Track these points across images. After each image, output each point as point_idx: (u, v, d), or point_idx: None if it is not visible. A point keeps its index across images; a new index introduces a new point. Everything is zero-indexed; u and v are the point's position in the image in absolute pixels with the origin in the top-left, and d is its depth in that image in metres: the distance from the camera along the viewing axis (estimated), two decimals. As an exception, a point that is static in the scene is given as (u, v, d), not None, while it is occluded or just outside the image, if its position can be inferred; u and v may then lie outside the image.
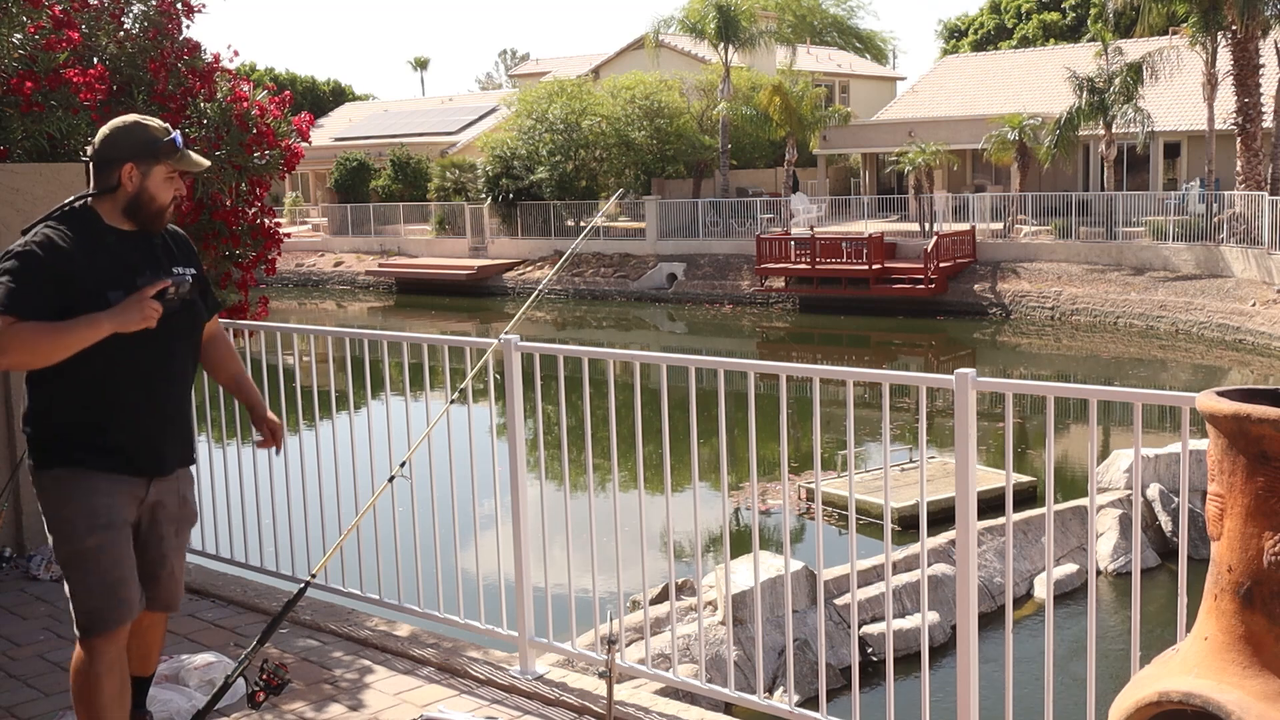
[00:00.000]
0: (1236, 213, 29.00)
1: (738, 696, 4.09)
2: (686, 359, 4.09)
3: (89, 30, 6.21)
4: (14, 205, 5.59)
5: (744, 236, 36.67)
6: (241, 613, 5.13)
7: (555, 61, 57.39)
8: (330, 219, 47.75)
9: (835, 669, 9.64)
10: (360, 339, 5.01)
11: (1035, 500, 14.09)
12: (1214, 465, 2.47)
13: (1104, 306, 29.81)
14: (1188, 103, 36.34)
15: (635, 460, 4.48)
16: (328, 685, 4.38)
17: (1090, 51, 37.16)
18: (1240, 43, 29.66)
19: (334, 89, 68.24)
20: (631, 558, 5.26)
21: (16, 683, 4.42)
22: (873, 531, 12.65)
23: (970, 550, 3.49)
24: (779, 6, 51.21)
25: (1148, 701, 2.45)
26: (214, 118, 6.36)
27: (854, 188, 44.52)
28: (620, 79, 44.30)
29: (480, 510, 4.73)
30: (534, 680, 4.32)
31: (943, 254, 31.94)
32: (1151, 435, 16.53)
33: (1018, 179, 35.87)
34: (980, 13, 60.60)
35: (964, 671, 3.53)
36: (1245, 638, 2.38)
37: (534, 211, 41.81)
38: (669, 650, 5.98)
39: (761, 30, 41.43)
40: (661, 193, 42.99)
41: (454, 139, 52.75)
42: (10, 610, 5.15)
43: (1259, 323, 25.77)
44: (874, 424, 15.64)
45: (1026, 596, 11.87)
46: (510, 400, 4.40)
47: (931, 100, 44.84)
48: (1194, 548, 9.90)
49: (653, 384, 4.31)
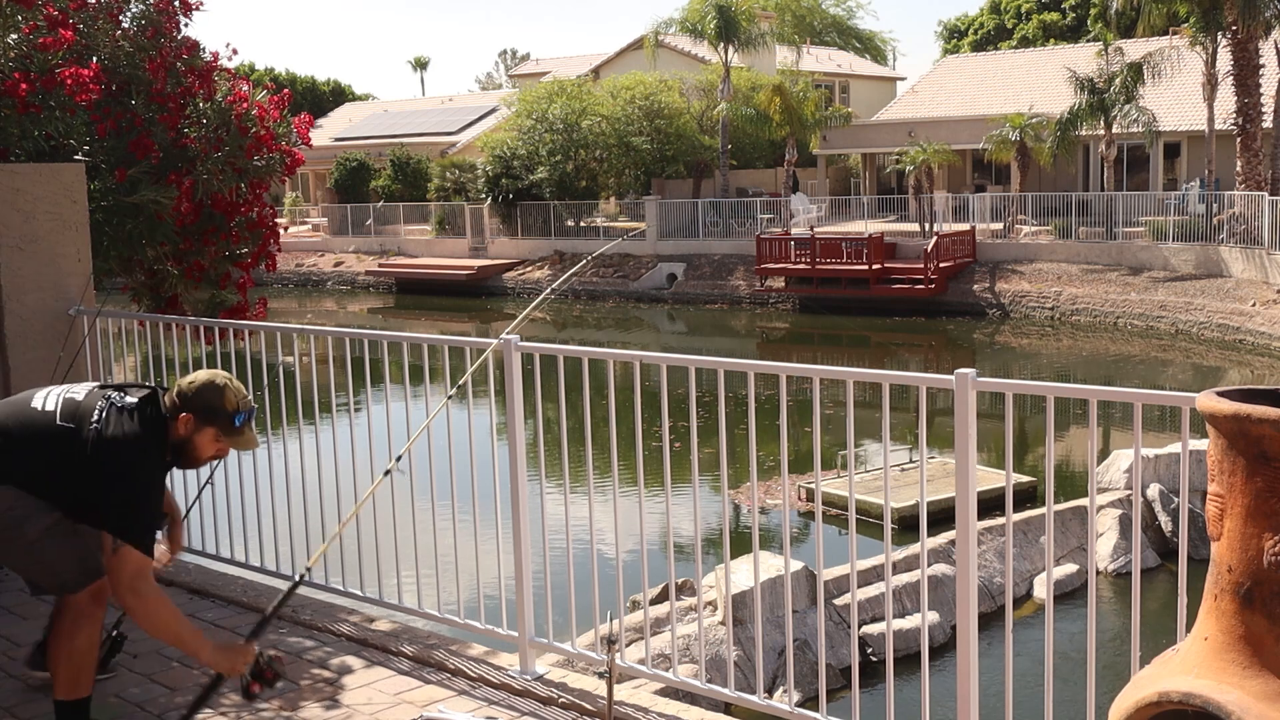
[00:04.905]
0: (1236, 213, 29.00)
1: (737, 697, 4.09)
2: (686, 359, 4.09)
3: (86, 29, 6.19)
4: (14, 205, 5.59)
5: (744, 237, 36.67)
6: (241, 613, 5.13)
7: (555, 61, 57.39)
8: (330, 219, 47.74)
9: (835, 669, 9.64)
10: (360, 339, 5.00)
11: (1035, 500, 14.09)
12: (1214, 465, 2.47)
13: (1104, 306, 29.80)
14: (1188, 103, 36.34)
15: (635, 460, 4.48)
16: (327, 685, 4.38)
17: (1090, 51, 37.17)
18: (1240, 43, 29.66)
19: (334, 89, 68.24)
20: (631, 558, 5.26)
21: (17, 683, 4.42)
22: (873, 531, 12.65)
23: (970, 550, 3.48)
24: (779, 7, 51.20)
25: (1148, 701, 2.45)
26: (213, 118, 6.35)
27: (854, 188, 44.52)
28: (620, 79, 44.30)
29: (480, 510, 4.72)
30: (534, 680, 4.32)
31: (943, 254, 31.94)
32: (1151, 435, 16.53)
33: (1018, 179, 35.87)
34: (980, 13, 60.59)
35: (964, 671, 3.52)
36: (1245, 638, 2.38)
37: (534, 212, 41.80)
38: (669, 650, 5.97)
39: (761, 31, 41.44)
40: (661, 193, 42.99)
41: (454, 139, 52.75)
42: (10, 610, 5.15)
43: (1259, 323, 25.77)
44: (874, 424, 15.63)
45: (1026, 596, 11.87)
46: (510, 400, 4.40)
47: (931, 100, 44.83)
48: (1194, 548, 9.90)
49: (653, 384, 4.31)
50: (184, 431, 3.68)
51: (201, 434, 3.69)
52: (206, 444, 3.72)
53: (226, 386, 3.73)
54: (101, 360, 5.89)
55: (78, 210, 5.77)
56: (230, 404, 3.70)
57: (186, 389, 3.69)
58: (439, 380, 5.26)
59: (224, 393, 3.71)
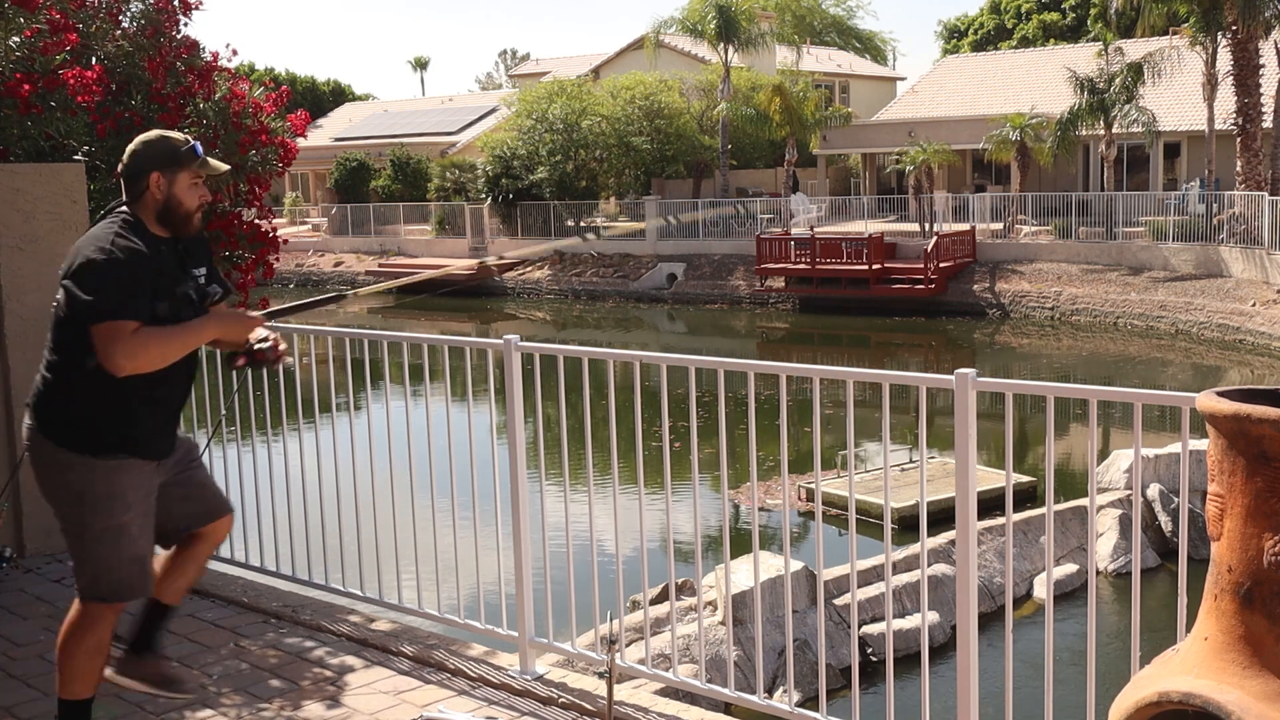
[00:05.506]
0: (1236, 213, 29.00)
1: (737, 696, 4.09)
2: (686, 359, 4.09)
3: (86, 29, 6.18)
4: (14, 205, 5.59)
5: (744, 237, 36.68)
6: (241, 612, 5.13)
7: (555, 61, 57.39)
8: (330, 219, 47.73)
9: (835, 669, 9.64)
10: (360, 339, 5.00)
11: (1035, 500, 14.09)
12: (1214, 465, 2.47)
13: (1104, 306, 29.81)
14: (1188, 103, 36.34)
15: (635, 460, 4.48)
16: (328, 685, 4.38)
17: (1090, 51, 37.17)
18: (1240, 43, 29.65)
19: (334, 89, 68.25)
20: (631, 558, 5.26)
21: (16, 683, 4.42)
22: (873, 531, 12.64)
23: (970, 550, 3.48)
24: (779, 7, 51.21)
25: (1148, 701, 2.45)
26: (212, 118, 6.34)
27: (854, 188, 44.52)
28: (620, 79, 44.31)
29: (480, 510, 4.72)
30: (534, 680, 4.32)
31: (942, 254, 31.93)
32: (1151, 435, 16.53)
33: (1018, 179, 35.88)
34: (980, 13, 60.59)
35: (964, 671, 3.52)
36: (1245, 638, 2.38)
37: (534, 212, 41.80)
38: (669, 650, 5.98)
39: (761, 31, 41.44)
40: (661, 193, 43.01)
41: (454, 139, 52.74)
42: (10, 610, 5.15)
43: (1259, 323, 25.77)
44: (874, 424, 15.64)
45: (1026, 596, 11.87)
46: (510, 400, 4.40)
47: (931, 100, 44.84)
48: (1194, 548, 9.90)
49: (653, 384, 4.31)
50: (160, 194, 3.62)
51: (176, 183, 3.63)
52: (185, 192, 3.65)
53: (163, 134, 3.70)
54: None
55: (78, 210, 5.78)
56: (179, 141, 3.66)
57: (131, 159, 3.64)
58: (439, 377, 5.26)
59: (167, 138, 3.67)
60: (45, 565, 5.70)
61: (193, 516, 3.87)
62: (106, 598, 3.64)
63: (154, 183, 3.61)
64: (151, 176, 3.61)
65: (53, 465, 3.63)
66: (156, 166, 3.61)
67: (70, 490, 3.61)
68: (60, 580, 5.52)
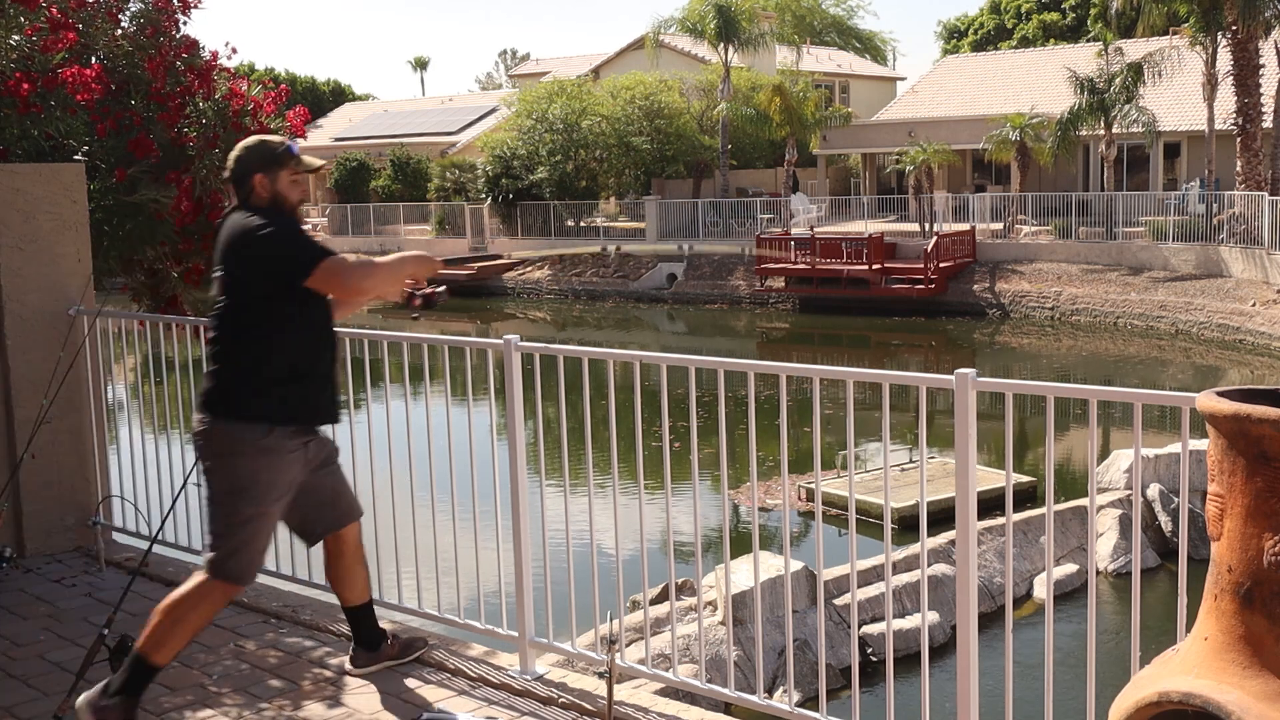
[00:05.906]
0: (1236, 213, 29.00)
1: (737, 696, 4.08)
2: (686, 359, 4.09)
3: (85, 29, 6.18)
4: (14, 205, 5.59)
5: (744, 237, 36.67)
6: (241, 612, 5.13)
7: (555, 61, 57.39)
8: (330, 219, 47.70)
9: (835, 669, 9.64)
10: (360, 339, 5.00)
11: (1035, 500, 14.09)
12: (1214, 465, 2.47)
13: (1104, 307, 29.81)
14: (1188, 103, 36.34)
15: (635, 460, 4.48)
16: (328, 685, 4.38)
17: (1090, 51, 37.17)
18: (1240, 43, 29.66)
19: (334, 89, 68.27)
20: (631, 557, 5.26)
21: (16, 683, 4.42)
22: (873, 531, 12.64)
23: (970, 550, 3.48)
24: (779, 7, 51.20)
25: (1148, 701, 2.45)
26: (212, 117, 6.34)
27: (854, 188, 44.52)
28: (620, 79, 44.31)
29: (480, 510, 4.72)
30: (534, 680, 4.32)
31: (943, 254, 31.94)
32: (1151, 435, 16.53)
33: (1018, 179, 35.87)
34: (980, 13, 60.60)
35: (964, 671, 3.52)
36: (1245, 638, 2.38)
37: (534, 212, 41.80)
38: (669, 650, 5.98)
39: (761, 31, 41.43)
40: (661, 193, 42.99)
41: (454, 139, 52.74)
42: (10, 610, 5.15)
43: (1259, 323, 25.77)
44: (874, 424, 15.64)
45: (1026, 596, 11.87)
46: (510, 400, 4.40)
47: (931, 100, 44.83)
48: (1194, 548, 9.91)
49: (653, 384, 4.30)
50: (265, 194, 3.89)
51: (278, 181, 3.91)
52: (287, 188, 3.93)
53: (262, 138, 4.02)
54: (102, 360, 5.89)
55: (78, 210, 5.77)
56: (276, 143, 3.96)
57: (236, 164, 3.92)
58: (439, 376, 5.25)
59: (265, 142, 3.98)
60: (45, 565, 5.70)
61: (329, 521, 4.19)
62: (228, 578, 3.89)
63: (258, 183, 3.89)
64: (256, 178, 3.89)
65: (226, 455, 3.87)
66: (259, 168, 3.90)
67: (236, 474, 3.86)
68: (60, 580, 5.52)
